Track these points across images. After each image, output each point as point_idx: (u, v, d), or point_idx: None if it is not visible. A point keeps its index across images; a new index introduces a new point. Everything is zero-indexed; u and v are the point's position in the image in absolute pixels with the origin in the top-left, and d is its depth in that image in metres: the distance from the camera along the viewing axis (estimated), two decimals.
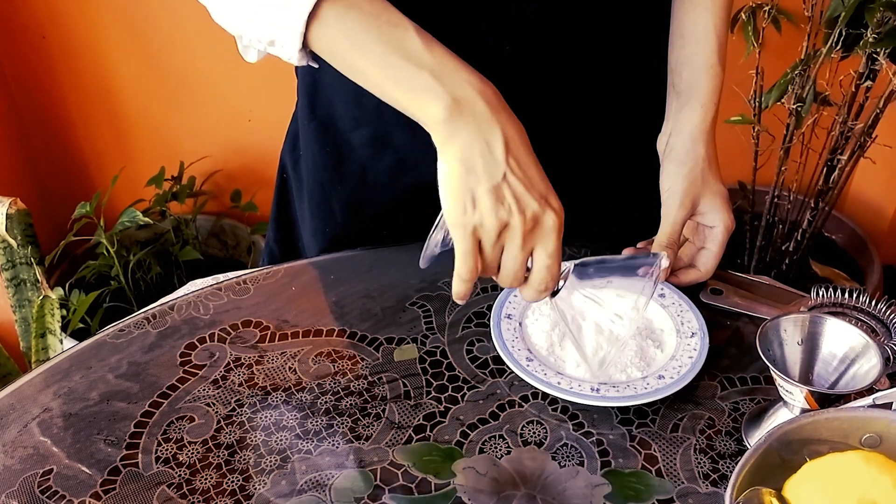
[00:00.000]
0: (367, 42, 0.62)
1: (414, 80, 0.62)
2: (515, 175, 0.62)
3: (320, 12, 0.62)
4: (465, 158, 0.61)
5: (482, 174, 0.61)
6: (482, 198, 0.62)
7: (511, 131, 0.62)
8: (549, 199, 0.63)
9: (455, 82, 0.61)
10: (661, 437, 0.67)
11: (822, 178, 1.53)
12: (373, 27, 0.62)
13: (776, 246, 1.67)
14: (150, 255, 1.66)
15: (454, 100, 0.61)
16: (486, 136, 0.61)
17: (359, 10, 0.63)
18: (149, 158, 1.78)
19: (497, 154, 0.61)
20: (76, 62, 1.74)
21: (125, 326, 0.79)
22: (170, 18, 1.68)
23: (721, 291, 0.80)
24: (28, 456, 0.67)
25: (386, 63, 0.62)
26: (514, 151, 0.62)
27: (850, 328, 0.62)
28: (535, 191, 0.62)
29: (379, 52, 0.62)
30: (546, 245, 0.63)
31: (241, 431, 0.69)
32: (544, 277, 0.65)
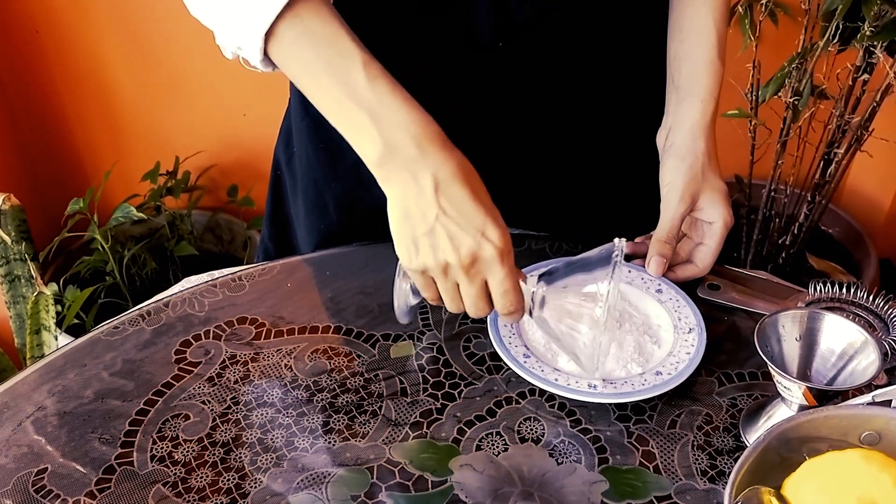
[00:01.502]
0: (316, 71, 0.64)
1: (353, 118, 0.63)
2: (448, 215, 0.63)
3: (277, 31, 0.63)
4: (401, 204, 0.64)
5: (417, 219, 0.63)
6: (421, 242, 0.64)
7: (444, 170, 0.63)
8: (486, 231, 0.63)
9: (390, 125, 0.63)
10: (658, 433, 0.67)
11: (819, 172, 1.53)
12: (323, 56, 0.63)
13: (773, 240, 1.67)
14: (144, 251, 1.66)
15: (386, 145, 0.63)
16: (417, 179, 0.63)
17: (311, 37, 0.63)
18: (143, 153, 1.78)
19: (428, 196, 0.63)
20: (69, 56, 1.73)
21: (119, 324, 0.78)
22: (164, 12, 1.67)
23: (718, 287, 0.79)
24: (22, 455, 0.66)
25: (330, 96, 0.64)
26: (445, 191, 0.63)
27: (848, 324, 0.62)
28: (469, 226, 0.63)
29: (325, 84, 0.63)
30: (493, 275, 0.65)
31: (236, 429, 0.68)
32: (505, 303, 0.66)
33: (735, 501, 0.42)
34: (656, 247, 0.77)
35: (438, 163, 0.63)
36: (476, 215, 0.63)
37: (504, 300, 0.66)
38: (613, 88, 0.86)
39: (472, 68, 0.80)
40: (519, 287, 0.66)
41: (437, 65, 0.80)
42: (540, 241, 0.86)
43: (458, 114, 0.82)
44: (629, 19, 0.83)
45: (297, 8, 0.63)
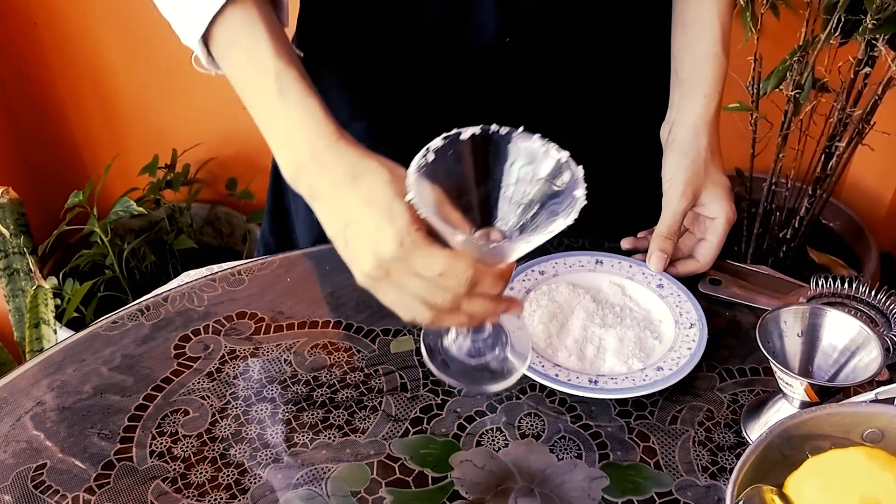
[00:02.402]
0: (241, 81, 0.64)
1: (271, 131, 0.62)
2: (355, 225, 0.59)
3: (213, 35, 0.64)
4: (329, 232, 0.61)
5: (337, 240, 0.61)
6: (346, 258, 0.61)
7: (335, 180, 0.60)
8: (388, 224, 0.58)
9: (299, 145, 0.61)
10: (659, 429, 0.67)
11: (820, 166, 1.53)
12: (247, 68, 0.63)
13: (773, 233, 1.66)
14: (144, 244, 1.65)
15: (296, 166, 0.61)
16: (318, 197, 0.61)
17: (236, 45, 0.63)
18: (142, 146, 1.77)
19: (333, 211, 0.60)
20: (67, 49, 1.72)
21: (118, 318, 0.78)
22: None
23: (720, 281, 0.79)
24: (21, 450, 0.66)
25: (252, 105, 0.63)
26: (343, 201, 0.59)
27: (850, 320, 0.61)
28: (370, 231, 0.58)
29: (248, 94, 0.63)
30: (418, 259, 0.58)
31: (236, 425, 0.68)
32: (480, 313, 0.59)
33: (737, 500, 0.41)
34: (657, 242, 0.77)
35: (336, 174, 0.60)
36: (371, 216, 0.57)
37: (481, 309, 0.58)
38: (616, 83, 0.86)
39: (476, 64, 0.79)
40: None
41: (440, 61, 0.80)
42: None
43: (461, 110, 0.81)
44: (632, 14, 0.83)
45: (227, 13, 0.62)
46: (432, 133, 0.83)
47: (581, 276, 0.78)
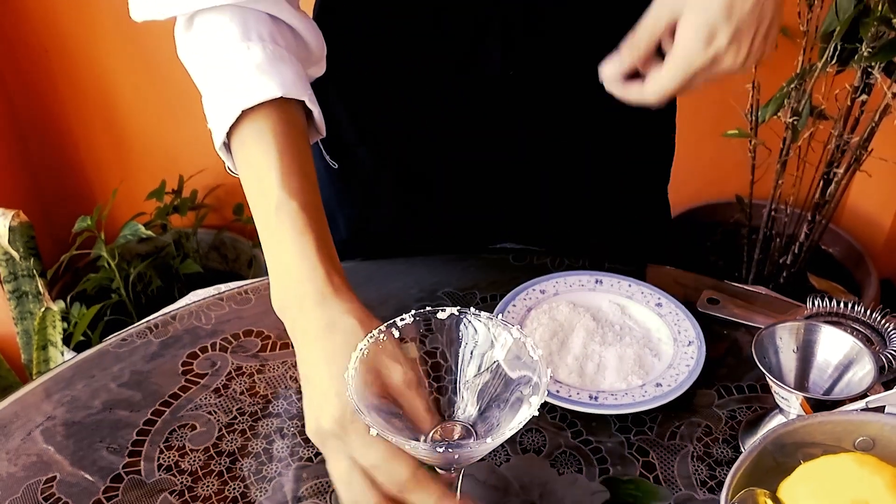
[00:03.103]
0: (250, 199, 0.63)
1: (268, 256, 0.61)
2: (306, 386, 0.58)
3: (231, 148, 0.64)
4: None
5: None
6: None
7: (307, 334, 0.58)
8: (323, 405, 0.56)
9: (288, 283, 0.59)
10: (658, 444, 0.68)
11: (819, 192, 1.55)
12: (253, 187, 0.62)
13: (774, 259, 1.68)
14: (150, 269, 1.67)
15: (281, 300, 0.60)
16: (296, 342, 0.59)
17: (245, 165, 0.63)
18: (149, 172, 1.79)
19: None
20: (78, 76, 1.76)
21: (127, 336, 0.80)
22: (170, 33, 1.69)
23: (718, 301, 0.81)
24: (31, 463, 0.67)
25: (257, 224, 0.62)
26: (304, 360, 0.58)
27: (844, 335, 0.63)
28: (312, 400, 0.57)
29: (254, 213, 0.62)
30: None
31: (242, 439, 0.69)
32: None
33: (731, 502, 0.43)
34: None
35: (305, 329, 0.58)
36: (323, 382, 0.56)
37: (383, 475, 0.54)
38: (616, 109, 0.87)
39: (480, 95, 0.81)
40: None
41: (445, 91, 0.81)
42: (541, 256, 0.87)
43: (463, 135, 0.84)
44: (618, 39, 0.84)
45: (242, 126, 0.62)
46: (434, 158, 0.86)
47: (581, 296, 0.80)
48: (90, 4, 1.67)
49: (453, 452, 0.50)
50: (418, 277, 0.85)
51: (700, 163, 1.74)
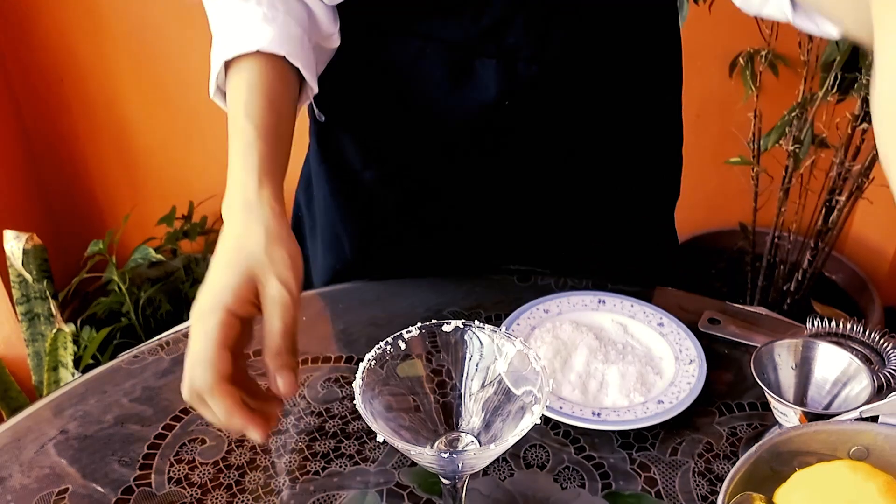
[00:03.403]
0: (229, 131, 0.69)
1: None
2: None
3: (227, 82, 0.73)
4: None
5: None
6: None
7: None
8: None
9: (227, 195, 0.65)
10: (660, 460, 0.69)
11: (821, 219, 1.56)
12: (229, 120, 0.70)
13: (777, 286, 1.69)
14: (160, 293, 1.69)
15: (223, 212, 0.66)
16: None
17: (229, 102, 0.71)
18: (160, 198, 1.82)
19: None
20: (92, 104, 1.79)
21: (139, 353, 0.81)
22: (182, 62, 1.73)
23: (718, 321, 0.82)
24: (44, 475, 0.69)
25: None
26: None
27: (841, 352, 0.64)
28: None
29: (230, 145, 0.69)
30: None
31: (251, 453, 0.71)
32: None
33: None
34: None
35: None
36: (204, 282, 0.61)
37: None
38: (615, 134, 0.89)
39: (478, 122, 0.83)
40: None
41: (444, 119, 0.84)
42: (545, 277, 0.89)
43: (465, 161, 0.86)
44: (630, 75, 0.86)
45: (230, 71, 0.72)
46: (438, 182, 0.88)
47: (584, 315, 0.81)
48: (106, 35, 1.71)
49: (458, 459, 0.51)
50: (424, 297, 0.87)
51: (704, 190, 1.76)
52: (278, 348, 0.59)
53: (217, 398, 0.57)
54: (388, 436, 0.51)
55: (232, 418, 0.57)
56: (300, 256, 0.63)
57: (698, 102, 1.68)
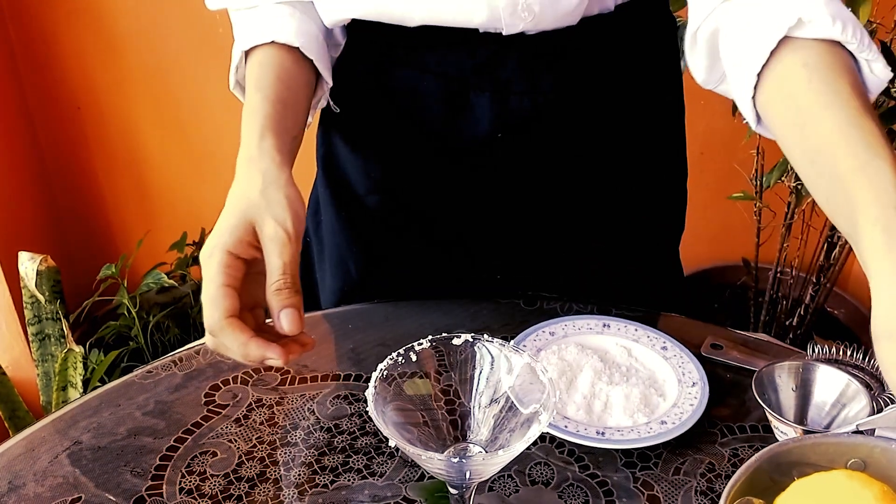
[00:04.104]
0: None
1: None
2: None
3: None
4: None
5: None
6: None
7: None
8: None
9: (239, 155, 0.69)
10: (663, 479, 0.70)
11: (823, 255, 1.58)
12: (246, 101, 0.74)
13: (780, 321, 1.70)
14: (169, 318, 1.71)
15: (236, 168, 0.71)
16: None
17: (246, 81, 0.76)
18: (171, 224, 1.85)
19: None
20: (107, 132, 1.83)
21: (153, 368, 0.83)
22: (197, 94, 1.77)
23: (721, 346, 0.83)
24: (58, 484, 0.70)
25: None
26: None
27: (840, 374, 0.65)
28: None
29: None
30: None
31: (261, 466, 0.72)
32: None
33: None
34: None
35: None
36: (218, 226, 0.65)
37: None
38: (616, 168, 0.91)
39: (473, 152, 0.86)
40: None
41: (441, 148, 0.86)
42: (551, 301, 0.91)
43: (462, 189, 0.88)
44: (630, 112, 0.88)
45: (249, 59, 0.77)
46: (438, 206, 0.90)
47: (589, 338, 0.83)
48: (123, 64, 1.75)
49: (466, 464, 0.53)
50: (433, 319, 0.89)
51: (708, 225, 1.78)
52: (279, 286, 0.61)
53: (227, 332, 0.60)
54: (398, 440, 0.52)
55: (247, 348, 0.60)
56: (299, 199, 0.65)
57: (702, 139, 1.71)
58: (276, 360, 0.61)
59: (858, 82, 0.60)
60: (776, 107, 0.63)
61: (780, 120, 0.63)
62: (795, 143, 0.61)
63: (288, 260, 0.62)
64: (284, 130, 0.71)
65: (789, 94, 0.61)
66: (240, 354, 0.61)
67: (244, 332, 0.60)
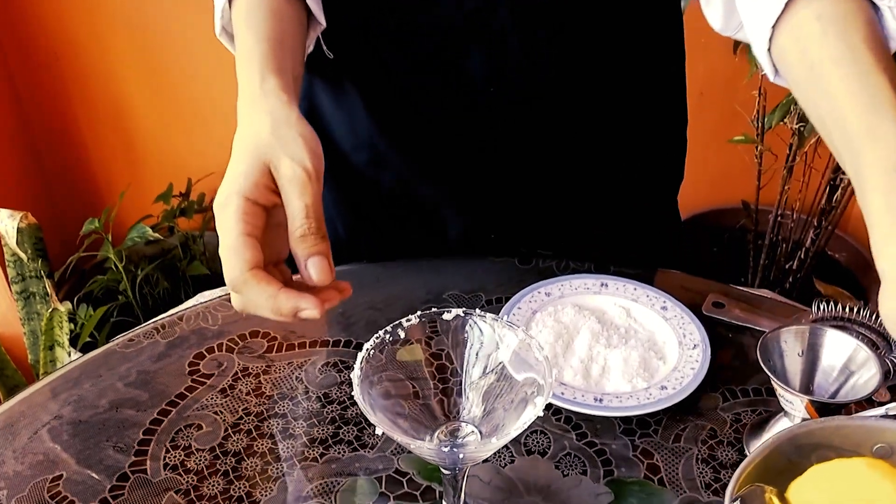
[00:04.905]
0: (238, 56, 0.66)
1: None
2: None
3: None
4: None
5: None
6: None
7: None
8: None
9: (239, 95, 0.62)
10: (663, 447, 0.68)
11: (825, 197, 1.55)
12: (236, 40, 0.66)
13: (779, 265, 1.68)
14: (157, 271, 1.68)
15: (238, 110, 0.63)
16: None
17: (234, 24, 0.68)
18: (157, 175, 1.80)
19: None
20: (88, 81, 1.77)
21: (135, 336, 0.80)
22: (180, 40, 1.71)
23: (723, 305, 0.81)
24: (38, 462, 0.68)
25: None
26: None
27: (849, 339, 0.63)
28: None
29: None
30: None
31: (248, 439, 0.70)
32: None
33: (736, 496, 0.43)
34: None
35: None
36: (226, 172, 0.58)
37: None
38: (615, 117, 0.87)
39: (468, 105, 0.82)
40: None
41: (433, 102, 0.82)
42: (547, 259, 0.87)
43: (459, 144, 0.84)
44: (628, 59, 0.84)
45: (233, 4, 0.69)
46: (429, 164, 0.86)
47: (586, 299, 0.80)
48: (101, 11, 1.69)
49: (458, 452, 0.50)
50: (425, 280, 0.85)
51: (706, 169, 1.74)
52: (303, 231, 0.54)
53: (253, 284, 0.53)
54: (387, 428, 0.50)
55: (277, 300, 0.53)
56: (314, 136, 0.58)
57: (702, 79, 1.66)
58: (312, 311, 0.53)
59: (876, 35, 0.57)
60: (790, 60, 0.60)
61: (793, 74, 0.61)
62: (808, 99, 0.59)
63: (310, 202, 0.54)
64: (285, 70, 0.64)
65: (803, 49, 0.58)
66: (270, 309, 0.53)
67: (272, 283, 0.53)
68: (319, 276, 0.54)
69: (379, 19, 0.78)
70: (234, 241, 0.53)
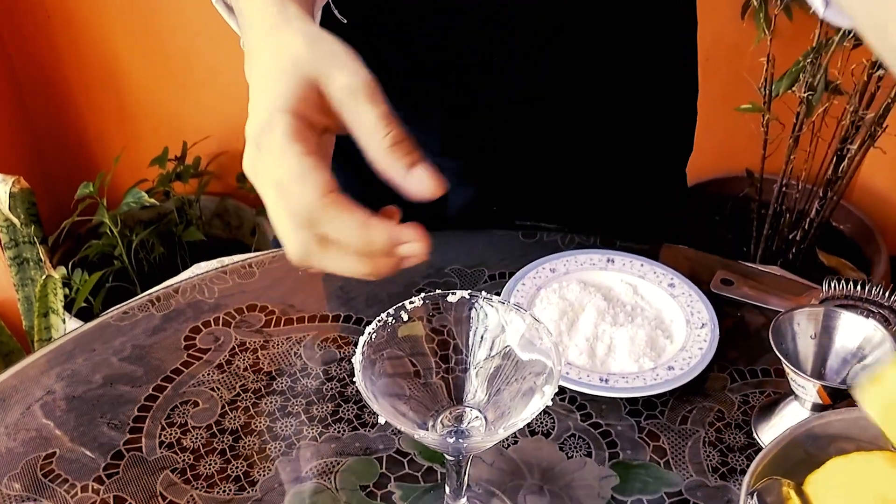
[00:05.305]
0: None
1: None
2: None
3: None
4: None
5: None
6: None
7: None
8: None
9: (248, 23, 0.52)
10: (669, 429, 0.67)
11: (831, 168, 1.52)
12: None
13: (783, 235, 1.66)
14: (153, 236, 1.65)
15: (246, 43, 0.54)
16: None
17: None
18: (152, 139, 1.77)
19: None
20: (80, 42, 1.73)
21: (129, 309, 0.78)
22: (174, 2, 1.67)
23: (731, 282, 0.79)
24: (31, 438, 0.66)
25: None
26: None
27: (864, 321, 0.61)
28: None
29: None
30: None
31: (245, 417, 0.68)
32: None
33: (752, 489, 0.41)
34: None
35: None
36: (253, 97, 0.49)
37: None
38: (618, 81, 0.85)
39: (467, 107, 0.80)
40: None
41: (434, 104, 0.80)
42: (552, 233, 0.85)
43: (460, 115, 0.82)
44: (641, 23, 0.81)
45: None
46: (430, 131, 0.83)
47: (592, 275, 0.78)
48: None
49: (463, 442, 0.49)
50: None
51: (711, 136, 1.71)
52: (391, 140, 0.44)
53: (335, 212, 0.42)
54: (389, 416, 0.48)
55: (370, 230, 0.42)
56: (359, 57, 0.47)
57: (708, 45, 1.62)
58: (416, 245, 0.43)
59: None
60: None
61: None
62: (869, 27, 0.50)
63: (384, 108, 0.44)
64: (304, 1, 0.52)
65: None
66: (361, 243, 0.43)
67: (359, 208, 0.42)
68: (431, 184, 0.44)
69: (379, 19, 0.76)
70: (298, 165, 0.43)
